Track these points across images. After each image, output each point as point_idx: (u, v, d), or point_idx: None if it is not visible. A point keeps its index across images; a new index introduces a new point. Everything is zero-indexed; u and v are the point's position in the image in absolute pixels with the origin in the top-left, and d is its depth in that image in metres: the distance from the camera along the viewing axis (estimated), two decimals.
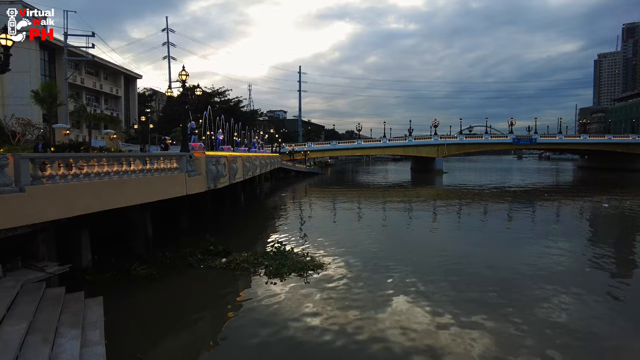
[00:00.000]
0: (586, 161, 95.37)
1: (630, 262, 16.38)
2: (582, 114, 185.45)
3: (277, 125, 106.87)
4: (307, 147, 75.99)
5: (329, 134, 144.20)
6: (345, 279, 12.96)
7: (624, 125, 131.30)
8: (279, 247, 16.03)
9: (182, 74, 20.55)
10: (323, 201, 36.97)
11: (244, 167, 26.32)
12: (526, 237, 19.99)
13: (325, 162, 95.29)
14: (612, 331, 9.43)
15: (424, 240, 20.00)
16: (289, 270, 13.37)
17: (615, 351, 8.59)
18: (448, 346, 8.56)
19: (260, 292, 11.87)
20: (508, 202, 34.52)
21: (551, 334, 9.16)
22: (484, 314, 10.14)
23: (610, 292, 12.03)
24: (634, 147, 75.29)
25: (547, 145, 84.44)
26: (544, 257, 15.85)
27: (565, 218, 27.83)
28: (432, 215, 28.31)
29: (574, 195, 40.79)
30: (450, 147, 75.29)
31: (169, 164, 15.01)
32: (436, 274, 13.67)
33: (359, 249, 17.20)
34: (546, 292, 11.80)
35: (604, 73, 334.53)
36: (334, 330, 9.38)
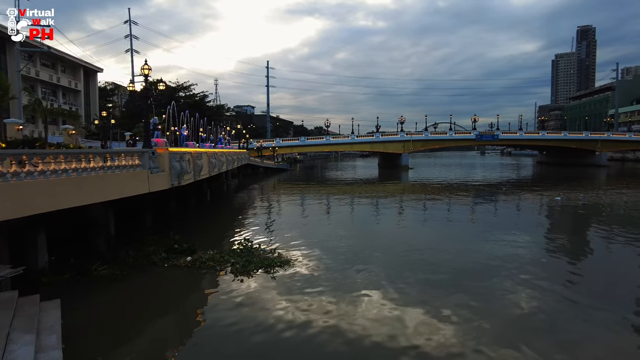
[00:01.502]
0: (544, 157, 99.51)
1: (580, 251, 17.28)
2: (541, 111, 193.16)
3: (244, 120, 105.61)
4: (275, 143, 75.58)
5: (297, 130, 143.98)
6: (313, 274, 13.04)
7: (578, 122, 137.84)
8: (245, 245, 15.91)
9: (144, 67, 19.99)
10: (292, 197, 36.93)
11: (209, 164, 25.90)
12: (488, 230, 20.72)
13: (294, 158, 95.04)
14: (567, 316, 9.91)
15: (391, 235, 20.35)
16: (255, 267, 13.31)
17: (571, 334, 9.05)
18: (415, 336, 8.78)
19: (226, 290, 11.77)
20: (471, 197, 35.64)
21: (512, 320, 9.62)
22: (450, 304, 10.50)
23: (564, 279, 12.66)
24: (587, 143, 79.32)
25: (508, 141, 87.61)
26: (504, 248, 16.52)
27: (523, 211, 29.02)
28: (398, 210, 28.83)
29: (531, 189, 42.59)
30: (416, 143, 76.72)
31: (130, 161, 14.57)
32: (403, 267, 13.97)
33: (327, 244, 17.32)
34: (506, 281, 12.33)
35: (560, 72, 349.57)
36: (301, 325, 9.43)
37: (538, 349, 8.19)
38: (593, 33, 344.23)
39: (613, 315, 9.96)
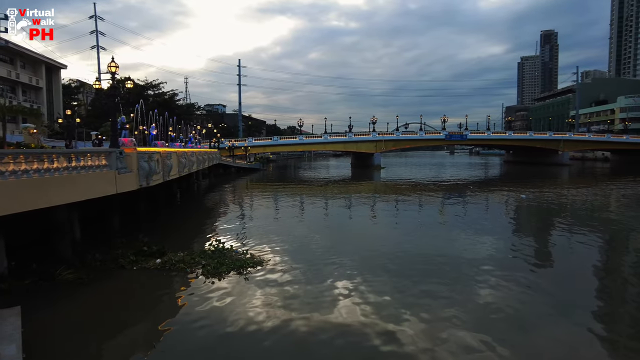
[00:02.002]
0: (511, 156, 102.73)
1: (545, 247, 17.96)
2: (507, 112, 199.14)
3: (215, 119, 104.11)
4: (247, 142, 74.86)
5: (270, 129, 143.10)
6: (286, 275, 13.00)
7: (543, 122, 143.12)
8: (217, 246, 15.69)
9: (111, 65, 19.39)
10: (264, 197, 36.68)
11: (179, 164, 25.40)
12: (457, 228, 21.23)
13: (267, 158, 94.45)
14: (532, 310, 10.25)
15: (363, 233, 20.53)
16: (227, 269, 13.15)
17: (536, 326, 9.37)
18: (386, 333, 8.89)
19: (197, 292, 11.57)
20: (441, 195, 36.36)
21: (481, 316, 9.86)
22: (420, 301, 10.70)
23: (530, 275, 13.09)
24: (550, 142, 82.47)
25: (476, 141, 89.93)
26: (473, 246, 16.97)
27: (491, 209, 29.88)
28: (371, 209, 29.11)
29: (498, 187, 43.89)
30: (388, 143, 77.70)
31: (97, 161, 14.12)
32: (375, 265, 14.11)
33: (300, 244, 17.31)
34: (475, 278, 12.66)
35: (526, 74, 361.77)
36: (274, 326, 9.38)
37: (505, 344, 8.45)
38: (555, 37, 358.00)
39: (575, 311, 10.38)
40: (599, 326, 9.48)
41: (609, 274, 14.30)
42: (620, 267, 15.17)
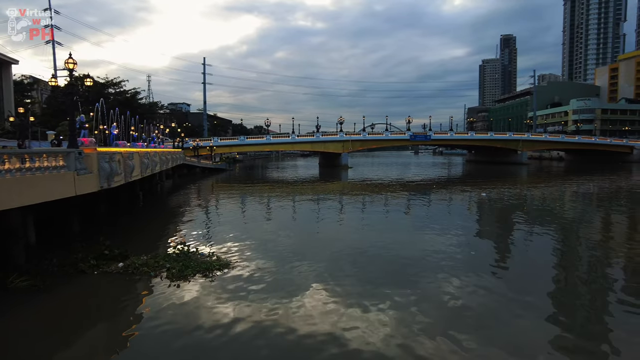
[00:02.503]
0: (473, 155, 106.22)
1: (505, 243, 18.66)
2: (469, 113, 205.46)
3: (180, 118, 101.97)
4: (213, 142, 73.60)
5: (236, 128, 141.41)
6: (253, 276, 12.89)
7: (503, 123, 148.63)
8: (182, 248, 15.35)
9: (69, 61, 18.58)
10: (231, 198, 36.21)
11: (141, 164, 24.68)
12: (421, 226, 21.74)
13: (233, 158, 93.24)
14: (493, 306, 10.63)
15: (331, 233, 20.64)
16: (193, 272, 12.90)
17: (498, 318, 9.74)
18: (353, 331, 8.97)
19: (162, 296, 11.29)
20: (406, 194, 37.13)
21: (446, 311, 10.14)
22: (389, 299, 10.86)
23: (491, 271, 13.60)
24: (510, 143, 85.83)
25: (440, 141, 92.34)
26: (436, 243, 17.38)
27: (454, 207, 30.73)
28: (339, 209, 29.31)
29: (460, 186, 45.23)
30: (355, 143, 78.51)
31: (54, 162, 13.50)
32: (342, 264, 14.23)
33: (267, 245, 17.21)
34: (439, 274, 12.97)
35: (487, 77, 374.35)
36: (241, 327, 9.29)
37: (467, 339, 8.73)
38: (514, 42, 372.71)
39: (533, 305, 10.84)
40: (554, 321, 9.96)
41: (564, 267, 15.00)
42: (574, 260, 15.97)
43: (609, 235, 21.27)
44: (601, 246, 18.01)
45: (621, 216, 26.84)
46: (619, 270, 14.22)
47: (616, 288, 12.30)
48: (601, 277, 13.61)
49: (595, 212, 28.57)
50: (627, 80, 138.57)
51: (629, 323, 9.72)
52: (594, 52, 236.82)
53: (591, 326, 9.97)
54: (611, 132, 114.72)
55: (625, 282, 12.91)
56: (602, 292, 12.24)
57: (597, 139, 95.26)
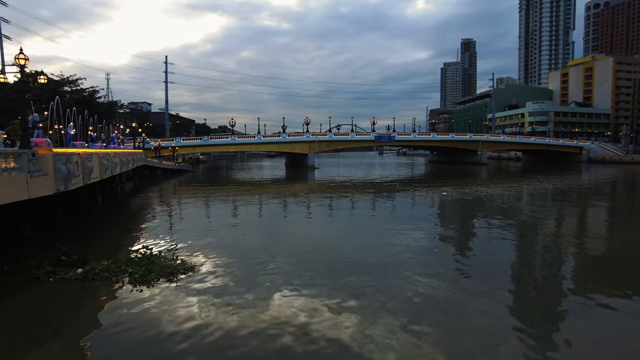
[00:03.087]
0: (435, 156, 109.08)
1: (466, 238, 19.29)
2: (432, 114, 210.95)
3: (140, 118, 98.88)
4: (175, 142, 71.85)
5: (200, 128, 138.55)
6: (218, 279, 12.68)
7: (463, 125, 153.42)
8: (145, 252, 14.89)
9: (19, 57, 17.63)
10: (195, 200, 35.45)
11: (101, 165, 23.76)
12: (387, 224, 22.12)
13: (197, 159, 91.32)
14: (456, 300, 10.95)
15: (298, 233, 20.62)
16: (157, 276, 12.54)
17: (461, 311, 10.03)
18: (321, 331, 9.00)
19: (124, 302, 10.91)
20: (371, 194, 37.68)
21: (411, 305, 10.33)
22: (356, 296, 10.98)
23: (453, 266, 14.02)
24: (470, 143, 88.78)
25: (404, 142, 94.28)
26: (401, 240, 17.75)
27: (417, 205, 31.48)
28: (305, 209, 29.32)
29: (423, 185, 46.36)
30: (321, 144, 78.83)
31: (4, 163, 12.75)
32: (310, 264, 14.24)
33: (233, 247, 16.98)
34: (406, 271, 13.24)
35: (448, 79, 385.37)
36: (208, 331, 9.12)
37: (431, 332, 8.96)
38: (474, 46, 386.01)
39: (493, 297, 11.25)
40: (513, 313, 10.41)
41: (521, 261, 15.67)
42: (531, 254, 16.69)
43: (561, 229, 22.46)
44: (555, 240, 19.04)
45: (573, 212, 28.40)
46: (571, 262, 15.03)
47: (569, 278, 13.00)
48: (555, 269, 14.31)
49: (549, 209, 30.03)
50: (577, 85, 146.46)
51: (580, 311, 10.27)
52: (547, 58, 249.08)
53: (547, 316, 10.43)
54: (563, 134, 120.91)
55: (577, 273, 13.64)
56: (556, 283, 12.87)
57: (550, 140, 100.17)
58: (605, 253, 16.93)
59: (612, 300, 11.05)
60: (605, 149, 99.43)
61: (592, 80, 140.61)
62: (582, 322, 9.89)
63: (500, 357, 8.22)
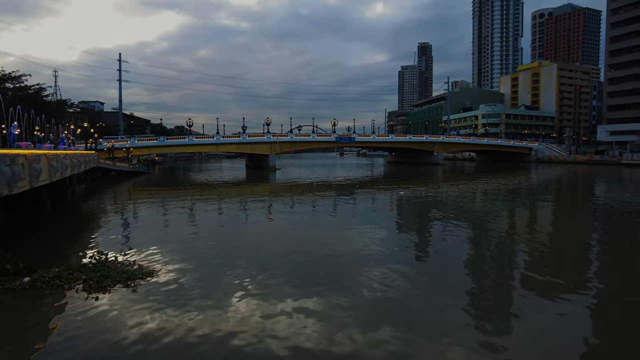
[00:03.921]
0: (394, 157, 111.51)
1: (424, 238, 19.84)
2: (390, 116, 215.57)
3: (92, 118, 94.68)
4: (130, 143, 69.23)
5: (155, 129, 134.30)
6: (178, 283, 12.33)
7: (420, 126, 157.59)
8: (100, 258, 14.22)
9: None
10: (151, 203, 34.30)
11: (50, 168, 22.51)
12: (346, 224, 22.43)
13: (152, 160, 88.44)
14: (416, 300, 11.23)
15: (259, 235, 20.42)
16: (113, 282, 12.01)
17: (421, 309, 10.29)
18: (285, 333, 8.94)
19: (78, 310, 10.36)
20: (332, 194, 37.99)
21: (372, 305, 10.49)
22: (317, 297, 10.98)
23: (413, 266, 14.39)
24: (427, 145, 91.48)
25: (364, 143, 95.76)
26: (362, 241, 17.96)
27: (376, 205, 32.08)
28: (267, 211, 29.11)
29: (382, 185, 47.33)
30: (283, 144, 78.55)
31: None
32: (272, 266, 14.11)
33: (193, 251, 16.57)
34: (367, 271, 13.39)
35: (405, 82, 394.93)
36: (169, 338, 8.83)
37: (393, 332, 9.14)
38: (430, 50, 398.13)
39: (449, 296, 11.65)
40: (469, 308, 10.81)
41: (476, 257, 16.28)
42: (484, 250, 17.39)
43: (511, 226, 23.60)
44: (505, 236, 20.02)
45: (522, 209, 29.93)
46: (523, 258, 15.78)
47: (521, 274, 13.64)
48: (507, 265, 15.01)
49: (502, 206, 31.46)
50: (526, 89, 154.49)
51: (533, 305, 10.82)
52: (498, 63, 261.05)
53: (501, 312, 10.91)
54: (514, 135, 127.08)
55: (529, 269, 14.34)
56: (509, 279, 13.49)
57: (502, 141, 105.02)
58: (550, 248, 17.92)
59: (557, 294, 11.71)
60: (551, 150, 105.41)
61: (539, 85, 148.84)
62: (528, 316, 10.38)
63: (453, 352, 8.49)
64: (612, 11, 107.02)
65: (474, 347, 8.51)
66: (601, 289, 12.30)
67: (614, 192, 42.59)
